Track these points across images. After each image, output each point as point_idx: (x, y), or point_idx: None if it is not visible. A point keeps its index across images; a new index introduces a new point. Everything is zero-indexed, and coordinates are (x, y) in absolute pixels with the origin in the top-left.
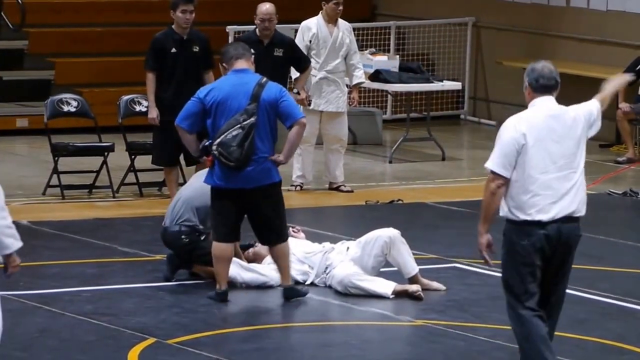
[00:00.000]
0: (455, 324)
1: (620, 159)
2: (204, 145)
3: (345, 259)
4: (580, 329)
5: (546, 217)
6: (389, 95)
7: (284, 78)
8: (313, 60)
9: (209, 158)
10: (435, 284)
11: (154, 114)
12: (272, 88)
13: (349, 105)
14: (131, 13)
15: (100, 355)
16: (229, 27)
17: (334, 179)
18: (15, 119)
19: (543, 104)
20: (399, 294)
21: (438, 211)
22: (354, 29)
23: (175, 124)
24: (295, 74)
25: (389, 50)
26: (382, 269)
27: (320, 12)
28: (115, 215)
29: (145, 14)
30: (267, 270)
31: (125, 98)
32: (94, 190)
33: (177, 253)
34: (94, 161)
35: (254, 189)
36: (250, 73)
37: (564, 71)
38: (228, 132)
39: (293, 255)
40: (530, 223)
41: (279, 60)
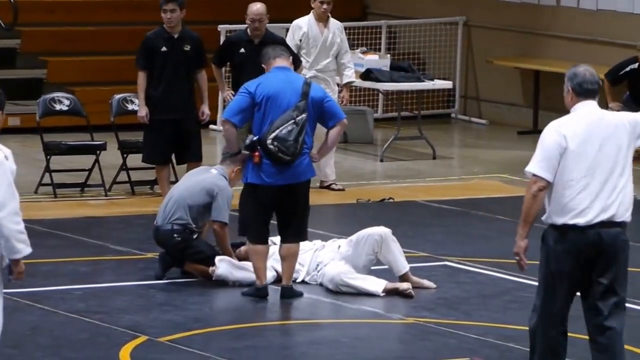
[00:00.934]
0: (445, 321)
1: None
2: (251, 140)
3: (336, 257)
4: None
5: (583, 221)
6: (380, 94)
7: None
8: (303, 59)
9: (257, 154)
10: (425, 282)
11: (143, 112)
12: (317, 88)
13: (340, 104)
14: (123, 12)
15: (92, 353)
16: (220, 26)
17: (325, 177)
18: (8, 118)
19: (585, 108)
20: (389, 292)
21: (429, 209)
22: (346, 28)
23: (223, 119)
24: None
25: (380, 49)
26: (373, 267)
27: (312, 11)
28: (107, 214)
29: (137, 13)
30: None
31: (117, 97)
32: (86, 189)
33: (169, 251)
34: (86, 160)
35: (297, 184)
36: (292, 71)
37: (554, 70)
38: (283, 127)
39: None
40: (568, 227)
41: None
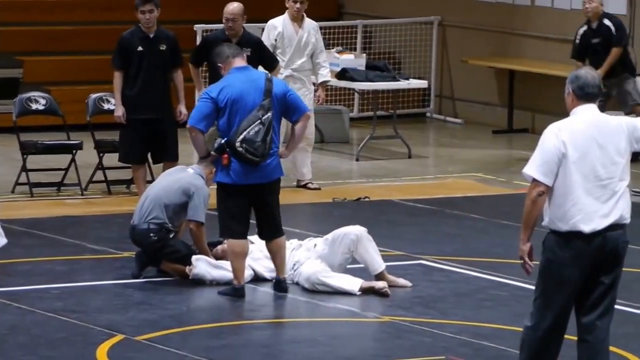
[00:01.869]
0: (421, 320)
1: None
2: (220, 143)
3: (313, 256)
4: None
5: (589, 228)
6: (355, 94)
7: None
8: (279, 59)
9: (225, 156)
10: (401, 281)
11: (119, 112)
12: (279, 82)
13: (315, 103)
14: (99, 12)
15: (69, 352)
16: (196, 26)
17: (302, 176)
18: None
19: (586, 112)
20: (365, 291)
21: (404, 208)
22: (321, 28)
23: (189, 126)
24: None
25: (355, 49)
26: (349, 266)
27: (287, 11)
28: (83, 213)
29: (113, 12)
30: None
31: (93, 96)
32: (62, 188)
33: (146, 251)
34: (63, 159)
35: (268, 183)
36: (253, 69)
37: (528, 70)
38: (250, 129)
39: (260, 252)
40: (574, 234)
41: (248, 60)
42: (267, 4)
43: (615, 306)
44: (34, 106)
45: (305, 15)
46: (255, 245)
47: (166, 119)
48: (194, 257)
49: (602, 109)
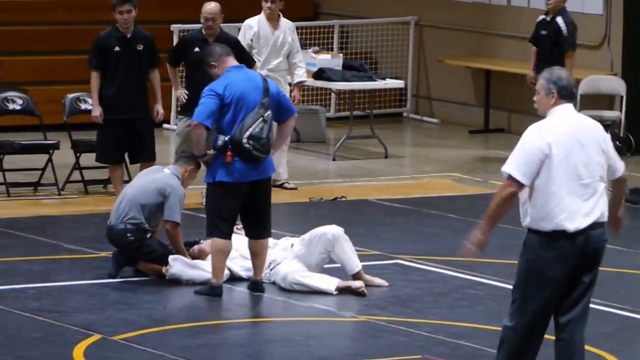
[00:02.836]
0: (397, 319)
1: None
2: (224, 141)
3: (289, 256)
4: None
5: (573, 226)
6: (332, 94)
7: None
8: (255, 59)
9: (229, 154)
10: (377, 280)
11: (97, 112)
12: (272, 83)
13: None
14: (76, 12)
15: (46, 351)
16: (173, 26)
17: (278, 176)
18: None
19: (566, 111)
20: (342, 290)
21: (381, 208)
22: (298, 28)
23: (195, 123)
24: None
25: (332, 49)
26: (326, 266)
27: (262, 11)
28: (60, 213)
29: (90, 12)
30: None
31: (70, 96)
32: (39, 188)
33: (123, 251)
34: (40, 159)
35: (263, 180)
36: (247, 69)
37: (505, 70)
38: (255, 126)
39: (236, 251)
40: (558, 233)
41: None
42: (244, 4)
43: (592, 305)
44: (11, 106)
45: (281, 15)
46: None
47: (143, 119)
48: (171, 257)
49: None
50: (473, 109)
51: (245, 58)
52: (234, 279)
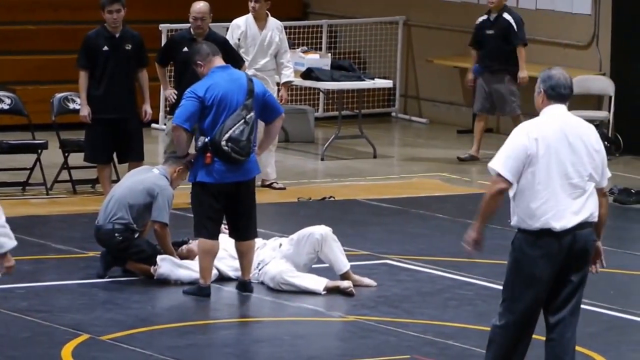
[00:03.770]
0: (385, 319)
1: (462, 156)
2: (203, 142)
3: (278, 256)
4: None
5: (559, 225)
6: (321, 93)
7: None
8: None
9: (209, 155)
10: (366, 280)
11: (85, 111)
12: (258, 83)
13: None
14: (63, 11)
15: (34, 351)
16: (162, 26)
17: (266, 176)
18: None
19: (556, 112)
20: (330, 290)
21: (369, 208)
22: (286, 28)
23: (174, 125)
24: None
25: (321, 49)
26: (314, 266)
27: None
28: (48, 213)
29: (78, 12)
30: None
31: (58, 96)
32: (27, 188)
33: (111, 251)
34: (27, 159)
35: (246, 182)
36: (233, 69)
37: None
38: (235, 128)
39: (225, 251)
40: (545, 231)
41: None
42: (233, 4)
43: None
44: None
45: (269, 14)
46: (220, 244)
47: (131, 118)
48: (159, 257)
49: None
50: (461, 109)
51: (233, 58)
52: (223, 279)
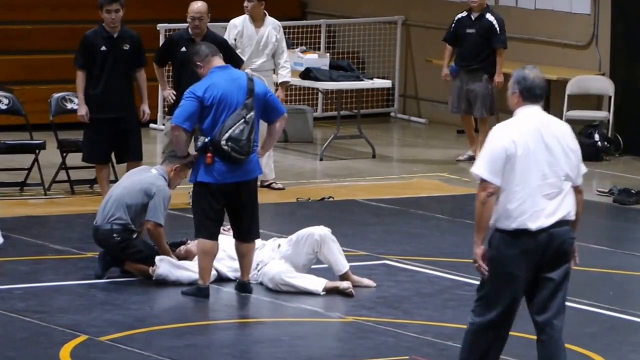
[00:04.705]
0: (385, 320)
1: (462, 158)
2: (203, 142)
3: (276, 256)
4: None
5: (535, 225)
6: (319, 93)
7: None
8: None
9: (209, 155)
10: (365, 281)
11: (83, 111)
12: (259, 83)
13: None
14: (61, 11)
15: (32, 352)
16: (159, 25)
17: (265, 176)
18: None
19: (532, 112)
20: (329, 291)
21: (368, 208)
22: (285, 27)
23: (173, 125)
24: None
25: (319, 49)
26: (313, 266)
27: None
28: (47, 213)
29: (75, 11)
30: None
31: (56, 96)
32: (25, 188)
33: (109, 251)
34: (25, 159)
35: (247, 182)
36: (233, 69)
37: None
38: (235, 127)
39: (224, 252)
40: (520, 231)
41: None
42: (231, 4)
43: (579, 306)
44: None
45: (267, 14)
46: (219, 244)
47: (130, 118)
48: (158, 258)
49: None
50: None
51: (232, 58)
52: (221, 279)
